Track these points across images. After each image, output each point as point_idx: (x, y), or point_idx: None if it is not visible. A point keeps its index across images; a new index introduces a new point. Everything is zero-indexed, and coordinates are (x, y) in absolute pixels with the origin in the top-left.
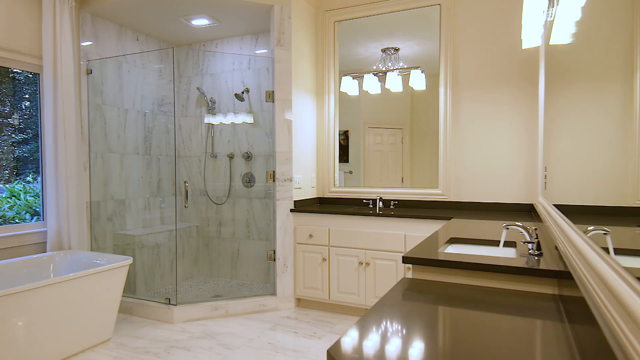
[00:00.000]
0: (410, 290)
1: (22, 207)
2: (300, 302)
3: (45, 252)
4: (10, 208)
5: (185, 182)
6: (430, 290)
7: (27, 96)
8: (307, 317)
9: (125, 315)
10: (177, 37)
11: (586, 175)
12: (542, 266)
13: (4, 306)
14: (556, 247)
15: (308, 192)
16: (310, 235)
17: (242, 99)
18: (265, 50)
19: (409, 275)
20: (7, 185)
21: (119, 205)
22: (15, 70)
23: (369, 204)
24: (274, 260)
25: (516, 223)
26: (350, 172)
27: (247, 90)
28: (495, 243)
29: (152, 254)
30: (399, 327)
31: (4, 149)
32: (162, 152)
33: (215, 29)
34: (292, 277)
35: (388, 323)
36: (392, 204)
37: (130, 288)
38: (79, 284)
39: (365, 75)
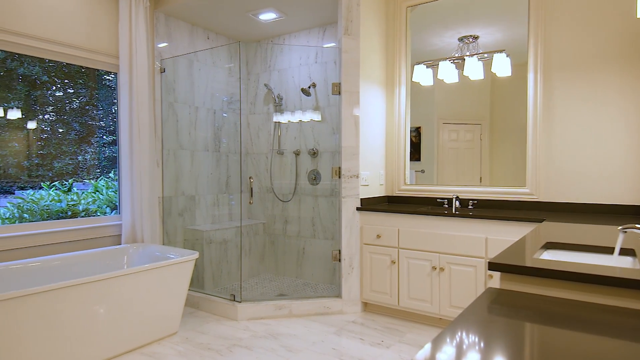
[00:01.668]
0: (498, 303)
1: (104, 201)
2: (366, 306)
3: (120, 244)
4: (93, 202)
5: (250, 178)
6: (523, 304)
7: (115, 101)
8: (374, 323)
9: (192, 310)
10: (246, 34)
11: None
12: None
13: (85, 294)
14: None
15: (376, 190)
16: (378, 236)
17: (308, 94)
18: (333, 44)
19: (493, 284)
20: (92, 181)
21: (189, 201)
22: (107, 77)
23: (443, 203)
24: (340, 260)
25: (636, 226)
26: (422, 171)
27: (314, 85)
28: (606, 250)
29: (219, 250)
30: (486, 350)
31: (95, 149)
32: (230, 149)
33: (283, 23)
34: (359, 280)
35: (472, 343)
36: (470, 203)
37: (198, 283)
38: (149, 276)
39: (440, 63)
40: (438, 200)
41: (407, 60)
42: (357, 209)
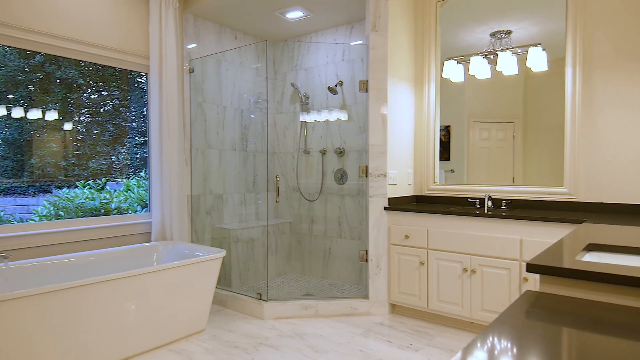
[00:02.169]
0: (538, 307)
1: (135, 199)
2: (394, 308)
3: (150, 241)
4: (125, 200)
5: (276, 177)
6: (565, 308)
7: (146, 102)
8: (402, 325)
9: (220, 307)
10: (273, 33)
11: None
12: None
13: (117, 289)
14: None
15: (404, 190)
16: (407, 236)
17: (335, 92)
18: (360, 42)
19: (529, 287)
20: (124, 180)
21: (217, 200)
22: (139, 80)
23: (474, 203)
24: (367, 261)
25: None
26: (452, 171)
27: (341, 83)
28: None
29: (246, 249)
30: (525, 358)
31: (128, 150)
32: (257, 148)
33: (310, 21)
34: (386, 281)
35: (509, 349)
36: (503, 203)
37: (225, 281)
38: (178, 273)
39: (472, 58)
40: (469, 200)
41: (437, 57)
42: (385, 208)
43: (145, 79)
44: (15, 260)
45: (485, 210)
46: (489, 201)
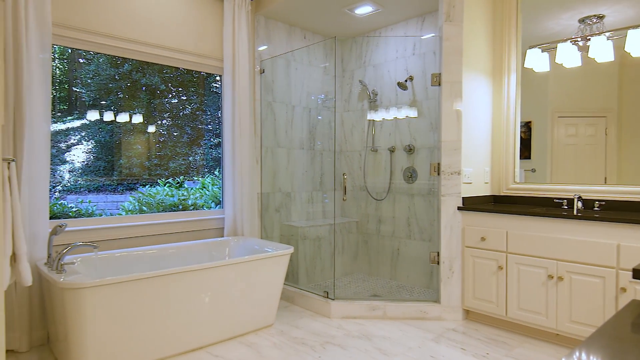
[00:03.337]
0: None
1: (210, 197)
2: (468, 314)
3: (222, 236)
4: (200, 197)
5: (344, 175)
6: None
7: (221, 106)
8: (477, 332)
9: (287, 304)
10: (341, 30)
11: None
12: None
13: (194, 280)
14: None
15: (480, 189)
16: (483, 238)
17: (405, 88)
18: (432, 34)
19: (628, 298)
20: (200, 179)
21: (285, 198)
22: (214, 84)
23: (561, 204)
24: (438, 263)
25: None
26: (533, 170)
27: (411, 78)
28: None
29: (313, 246)
30: None
31: (204, 151)
32: (325, 147)
33: (379, 16)
34: (460, 285)
35: None
36: (596, 205)
37: (293, 277)
38: (249, 267)
39: (559, 45)
40: (555, 200)
41: (518, 46)
42: (459, 208)
43: (219, 83)
44: (104, 250)
45: (575, 212)
46: (579, 202)
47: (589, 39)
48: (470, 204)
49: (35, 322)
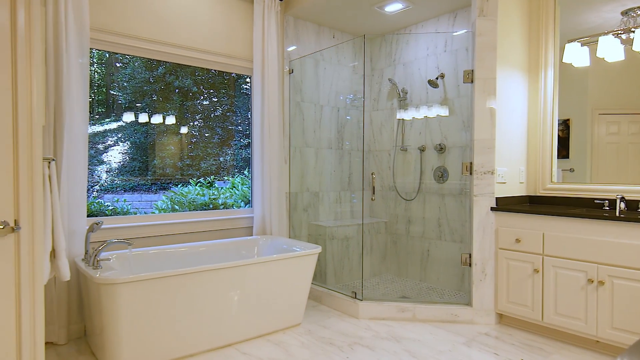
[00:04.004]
0: None
1: (239, 196)
2: (501, 318)
3: (251, 235)
4: (230, 197)
5: (372, 174)
6: None
7: (251, 106)
8: (510, 337)
9: (315, 303)
10: (371, 29)
11: None
12: None
13: (224, 278)
14: None
15: (514, 189)
16: (518, 240)
17: (436, 85)
18: (465, 30)
19: None
20: (230, 178)
21: (313, 197)
22: (244, 86)
23: (602, 205)
24: (470, 265)
25: None
26: (572, 170)
27: (442, 76)
28: None
29: (341, 246)
30: None
31: (234, 151)
32: (353, 146)
33: (409, 13)
34: (493, 288)
35: None
36: None
37: (321, 277)
38: (277, 266)
39: (600, 38)
40: (595, 201)
41: (556, 40)
42: (492, 209)
43: (249, 85)
44: (138, 248)
45: (617, 213)
46: (622, 202)
47: (633, 32)
48: (505, 205)
49: (73, 316)
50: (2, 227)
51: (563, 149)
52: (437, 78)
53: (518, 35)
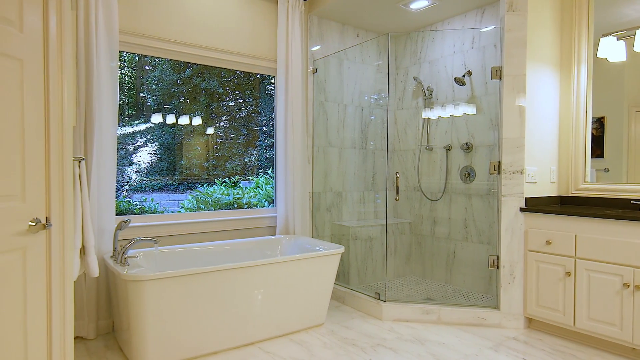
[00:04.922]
0: None
1: (263, 195)
2: (531, 322)
3: (274, 234)
4: (254, 196)
5: (396, 174)
6: None
7: (275, 106)
8: (540, 342)
9: (338, 304)
10: (395, 27)
11: None
12: None
13: (248, 277)
14: None
15: (545, 189)
16: (548, 242)
17: (463, 83)
18: (493, 26)
19: None
20: (254, 178)
21: (336, 197)
22: (269, 87)
23: (639, 206)
24: (498, 267)
25: None
26: (606, 170)
27: (469, 73)
28: None
29: (364, 247)
30: None
31: (259, 152)
32: (377, 146)
33: (435, 10)
34: (521, 291)
35: None
36: None
37: (344, 278)
38: (300, 266)
39: (637, 32)
40: (632, 202)
41: (590, 35)
42: (521, 209)
43: (274, 86)
44: (164, 246)
45: None
46: None
47: None
48: (534, 205)
49: (102, 312)
50: (34, 224)
51: (597, 148)
52: (464, 75)
53: (549, 30)
